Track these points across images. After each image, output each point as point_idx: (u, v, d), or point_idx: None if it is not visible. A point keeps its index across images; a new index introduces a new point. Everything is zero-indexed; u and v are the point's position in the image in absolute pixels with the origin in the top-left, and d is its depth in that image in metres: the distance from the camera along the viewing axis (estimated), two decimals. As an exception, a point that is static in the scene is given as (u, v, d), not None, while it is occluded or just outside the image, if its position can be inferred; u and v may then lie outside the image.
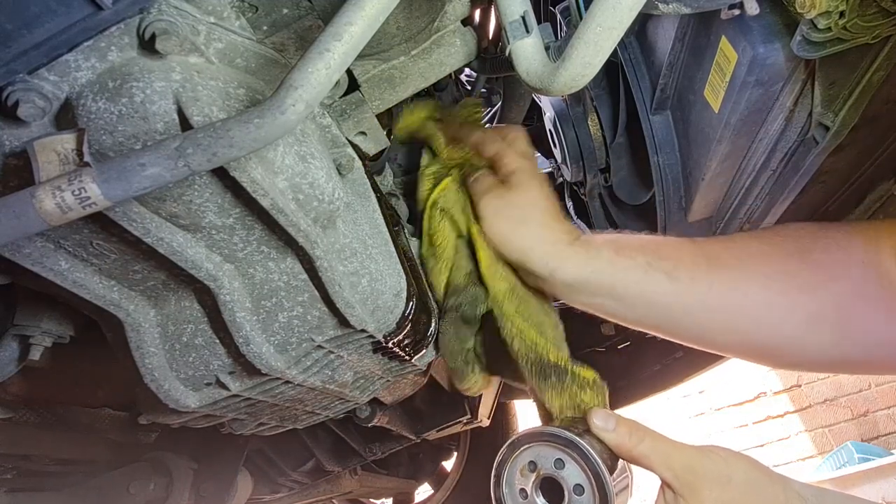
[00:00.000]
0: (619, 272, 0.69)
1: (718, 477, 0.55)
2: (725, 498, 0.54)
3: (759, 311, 0.65)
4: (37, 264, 0.50)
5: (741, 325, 0.67)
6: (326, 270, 0.57)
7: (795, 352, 0.66)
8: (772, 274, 0.65)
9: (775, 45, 0.69)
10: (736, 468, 0.57)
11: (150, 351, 0.59)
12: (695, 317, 0.68)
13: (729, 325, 0.67)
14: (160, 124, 0.44)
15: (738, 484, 0.55)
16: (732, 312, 0.66)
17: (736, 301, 0.66)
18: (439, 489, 2.31)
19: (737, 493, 0.55)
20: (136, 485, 1.15)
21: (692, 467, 0.56)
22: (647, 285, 0.68)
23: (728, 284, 0.66)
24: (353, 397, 0.82)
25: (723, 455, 0.58)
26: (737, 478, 0.56)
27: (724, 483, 0.55)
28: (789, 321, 0.64)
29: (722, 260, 0.67)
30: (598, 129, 1.13)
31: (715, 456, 0.57)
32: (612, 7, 0.46)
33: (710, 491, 0.54)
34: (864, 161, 1.03)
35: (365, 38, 0.44)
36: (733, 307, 0.66)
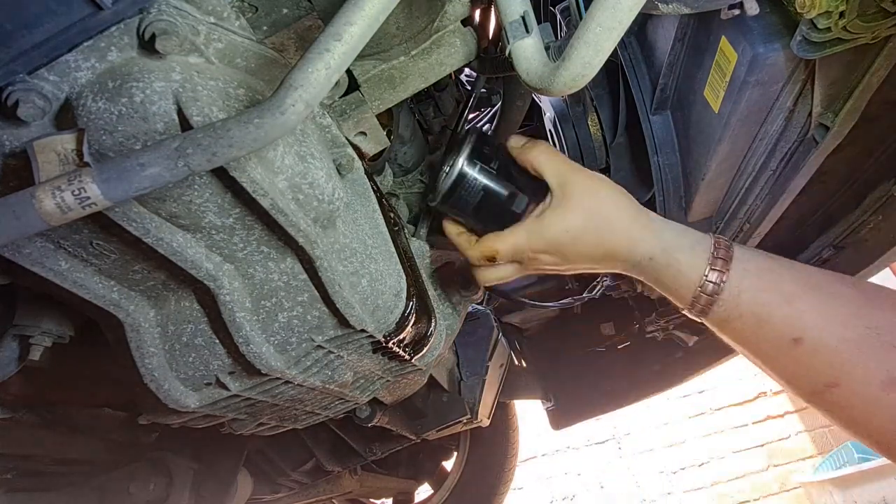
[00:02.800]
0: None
1: (589, 187, 0.67)
2: (588, 203, 0.66)
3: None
4: (37, 264, 0.50)
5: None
6: (326, 270, 0.57)
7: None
8: None
9: (775, 45, 0.69)
10: (603, 185, 0.68)
11: (150, 351, 0.59)
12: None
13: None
14: (160, 124, 0.44)
15: (602, 197, 0.66)
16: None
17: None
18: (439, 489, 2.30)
19: (598, 202, 0.66)
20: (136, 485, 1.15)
21: (569, 176, 0.67)
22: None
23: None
24: (353, 397, 0.82)
25: (596, 175, 0.69)
26: (602, 192, 0.67)
27: (592, 193, 0.66)
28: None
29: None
30: (598, 129, 1.13)
31: (588, 173, 0.68)
32: (612, 7, 0.46)
33: (580, 198, 0.66)
34: (864, 161, 1.03)
35: (365, 38, 0.44)
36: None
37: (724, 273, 0.61)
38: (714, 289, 0.61)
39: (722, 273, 0.61)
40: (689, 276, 0.63)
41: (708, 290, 0.62)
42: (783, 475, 3.81)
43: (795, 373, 0.60)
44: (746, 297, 0.61)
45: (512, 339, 1.97)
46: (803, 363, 0.58)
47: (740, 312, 0.61)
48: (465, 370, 1.45)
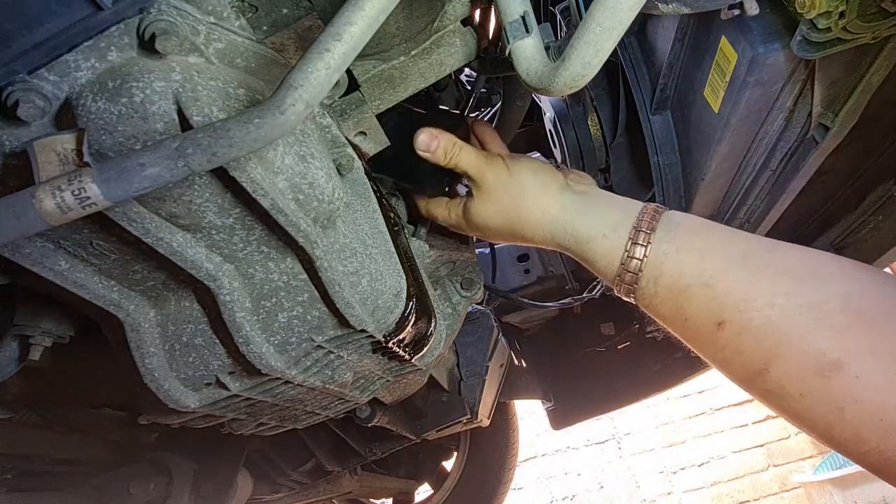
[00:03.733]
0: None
1: (503, 180, 0.70)
2: (502, 197, 0.70)
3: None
4: (37, 264, 0.50)
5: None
6: (326, 270, 0.57)
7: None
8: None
9: (775, 45, 0.69)
10: (520, 173, 0.71)
11: (150, 351, 0.59)
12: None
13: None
14: (160, 124, 0.44)
15: (516, 187, 0.70)
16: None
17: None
18: (439, 489, 2.31)
19: (512, 195, 0.70)
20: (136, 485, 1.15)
21: (485, 169, 0.71)
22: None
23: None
24: (353, 397, 0.82)
25: (516, 162, 0.72)
26: (519, 179, 0.70)
27: (506, 186, 0.70)
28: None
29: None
30: (598, 129, 1.13)
31: (508, 160, 0.72)
32: (612, 7, 0.46)
33: (495, 191, 0.70)
34: (864, 161, 1.03)
35: (365, 38, 0.44)
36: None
37: (646, 247, 0.59)
38: (637, 265, 0.59)
39: (645, 247, 0.59)
40: (607, 260, 0.62)
41: (631, 267, 0.59)
42: (783, 475, 3.81)
43: (725, 359, 0.55)
44: (665, 280, 0.58)
45: (512, 339, 1.97)
46: (730, 349, 0.54)
47: (660, 297, 0.58)
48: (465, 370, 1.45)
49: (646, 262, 0.59)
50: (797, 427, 0.54)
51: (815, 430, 0.51)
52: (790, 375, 0.50)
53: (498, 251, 1.58)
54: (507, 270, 1.77)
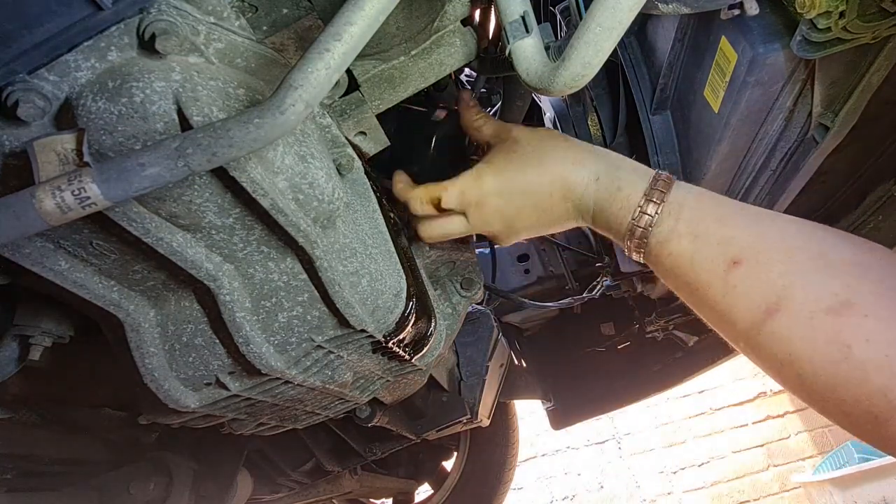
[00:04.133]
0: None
1: (527, 129, 0.70)
2: (530, 138, 0.69)
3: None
4: (37, 264, 0.50)
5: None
6: (326, 270, 0.57)
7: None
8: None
9: (775, 45, 0.69)
10: (541, 128, 0.71)
11: (150, 351, 0.59)
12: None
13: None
14: (160, 124, 0.44)
15: (542, 133, 0.69)
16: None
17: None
18: (439, 489, 2.31)
19: (540, 136, 0.69)
20: (136, 485, 1.15)
21: (508, 126, 0.71)
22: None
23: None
24: (353, 397, 0.82)
25: (521, 127, 0.71)
26: (542, 130, 0.70)
27: (532, 131, 0.69)
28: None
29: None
30: (598, 129, 1.13)
31: (511, 127, 0.72)
32: (612, 7, 0.46)
33: (521, 137, 0.69)
34: (864, 161, 1.03)
35: (365, 38, 0.44)
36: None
37: (660, 205, 0.60)
38: (648, 220, 0.60)
39: (658, 205, 0.60)
40: (631, 199, 0.62)
41: (642, 223, 0.60)
42: (783, 475, 3.81)
43: (734, 303, 0.55)
44: (685, 215, 0.59)
45: (512, 339, 1.97)
46: (742, 289, 0.54)
47: (679, 233, 0.58)
48: (465, 370, 1.45)
49: (660, 215, 0.60)
50: (790, 379, 0.52)
51: (817, 374, 0.50)
52: (801, 314, 0.51)
53: (498, 251, 1.58)
54: (507, 270, 1.77)
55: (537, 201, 0.67)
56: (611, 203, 0.63)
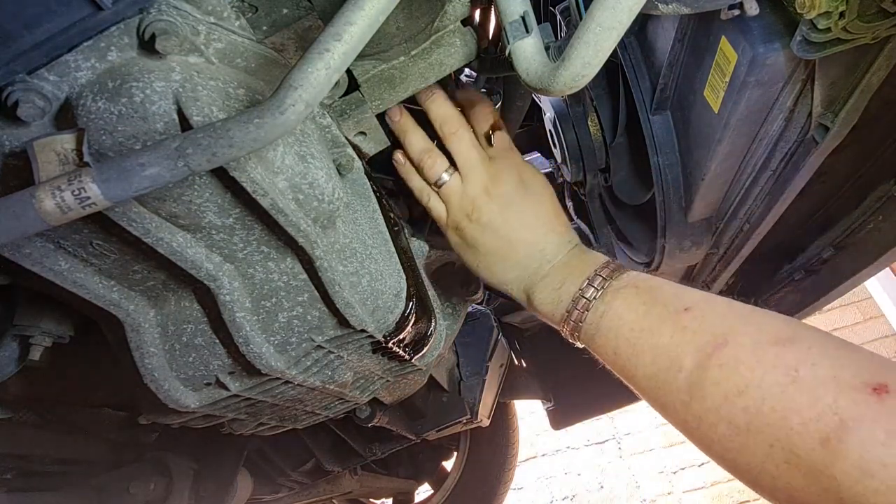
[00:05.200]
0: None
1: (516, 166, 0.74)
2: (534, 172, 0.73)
3: None
4: (37, 264, 0.50)
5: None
6: (326, 270, 0.57)
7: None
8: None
9: (775, 45, 0.69)
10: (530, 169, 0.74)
11: (150, 351, 0.59)
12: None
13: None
14: (160, 124, 0.44)
15: (532, 176, 0.74)
16: None
17: None
18: (439, 489, 2.31)
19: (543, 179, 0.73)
20: (136, 485, 1.15)
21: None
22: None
23: None
24: (353, 397, 0.82)
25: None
26: (530, 173, 0.74)
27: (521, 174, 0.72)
28: None
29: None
30: (598, 129, 1.13)
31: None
32: (612, 7, 0.46)
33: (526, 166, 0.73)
34: (864, 161, 1.03)
35: (365, 38, 0.44)
36: None
37: (620, 270, 0.65)
38: (609, 273, 0.64)
39: (616, 269, 0.65)
40: (596, 260, 0.67)
41: (604, 273, 0.65)
42: (783, 475, 3.81)
43: (681, 341, 0.57)
44: (642, 276, 0.64)
45: (512, 339, 1.97)
46: (691, 328, 0.56)
47: (636, 284, 0.62)
48: (465, 370, 1.45)
49: (622, 272, 0.65)
50: (735, 416, 0.51)
51: (765, 400, 0.49)
52: (746, 346, 0.52)
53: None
54: (507, 270, 1.77)
55: (510, 237, 0.70)
56: (578, 260, 0.68)
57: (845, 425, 0.44)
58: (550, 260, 0.69)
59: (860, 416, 0.44)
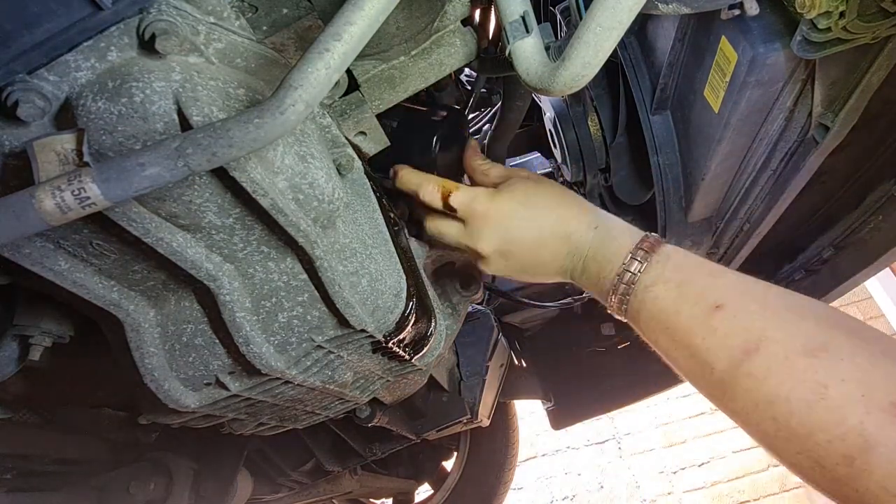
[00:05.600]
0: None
1: (519, 179, 0.73)
2: (543, 182, 0.72)
3: None
4: (37, 264, 0.50)
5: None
6: (326, 270, 0.57)
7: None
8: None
9: (775, 45, 0.69)
10: (534, 178, 0.73)
11: (150, 351, 0.59)
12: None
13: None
14: (160, 124, 0.44)
15: (535, 184, 0.71)
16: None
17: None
18: (439, 489, 2.30)
19: (551, 183, 0.72)
20: (136, 485, 1.15)
21: (505, 176, 0.74)
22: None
23: None
24: (353, 397, 0.82)
25: (529, 173, 0.75)
26: (533, 181, 0.72)
27: (525, 183, 0.71)
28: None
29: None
30: (598, 129, 1.13)
31: (518, 171, 0.74)
32: (612, 7, 0.46)
33: (534, 179, 0.73)
34: (864, 161, 1.03)
35: (365, 38, 0.44)
36: None
37: (650, 254, 0.63)
38: (638, 266, 0.63)
39: (648, 253, 0.63)
40: (623, 247, 0.65)
41: (632, 268, 0.63)
42: (783, 475, 3.81)
43: (712, 344, 0.57)
44: (672, 263, 0.62)
45: (512, 339, 1.97)
46: (722, 330, 0.56)
47: (666, 278, 0.61)
48: (465, 370, 1.45)
49: (651, 258, 0.62)
50: (764, 422, 0.52)
51: (792, 414, 0.50)
52: (778, 356, 0.52)
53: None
54: (507, 270, 1.77)
55: (538, 236, 0.69)
56: (604, 249, 0.66)
57: (871, 447, 0.45)
58: (580, 256, 0.68)
59: (886, 439, 0.44)
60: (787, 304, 0.56)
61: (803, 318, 0.54)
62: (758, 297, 0.57)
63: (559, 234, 0.69)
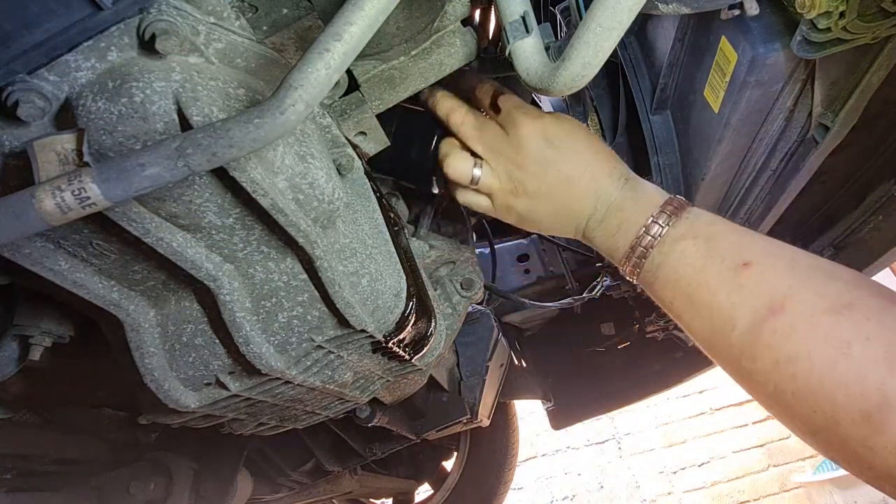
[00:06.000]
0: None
1: (538, 134, 0.67)
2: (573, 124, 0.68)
3: None
4: (37, 264, 0.50)
5: None
6: (326, 270, 0.57)
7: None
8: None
9: (775, 45, 0.69)
10: (555, 127, 0.67)
11: (150, 351, 0.59)
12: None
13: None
14: (160, 124, 0.44)
15: (558, 138, 0.67)
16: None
17: None
18: (439, 489, 2.30)
19: (555, 148, 0.66)
20: (136, 485, 1.15)
21: (522, 108, 0.69)
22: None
23: None
24: (353, 397, 0.82)
25: (545, 116, 0.69)
26: (556, 133, 0.67)
27: (545, 144, 0.66)
28: None
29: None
30: (598, 129, 1.13)
31: (534, 112, 0.69)
32: (612, 7, 0.46)
33: (564, 118, 0.68)
34: (864, 161, 1.03)
35: (365, 38, 0.44)
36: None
37: (681, 209, 0.62)
38: (666, 220, 0.61)
39: (678, 208, 0.62)
40: (654, 199, 0.63)
41: (661, 221, 0.61)
42: (783, 475, 3.81)
43: (737, 302, 0.56)
44: (702, 220, 0.61)
45: (512, 339, 1.97)
46: (748, 288, 0.56)
47: (695, 234, 0.60)
48: (465, 370, 1.45)
49: (681, 213, 0.62)
50: (783, 381, 0.52)
51: (813, 371, 0.50)
52: (803, 313, 0.52)
53: (498, 251, 1.58)
54: (507, 270, 1.77)
55: (574, 169, 0.66)
56: (632, 201, 0.64)
57: (890, 405, 0.45)
58: (606, 202, 0.66)
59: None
60: (815, 264, 0.56)
61: (832, 277, 0.54)
62: (785, 256, 0.57)
63: (595, 174, 0.66)
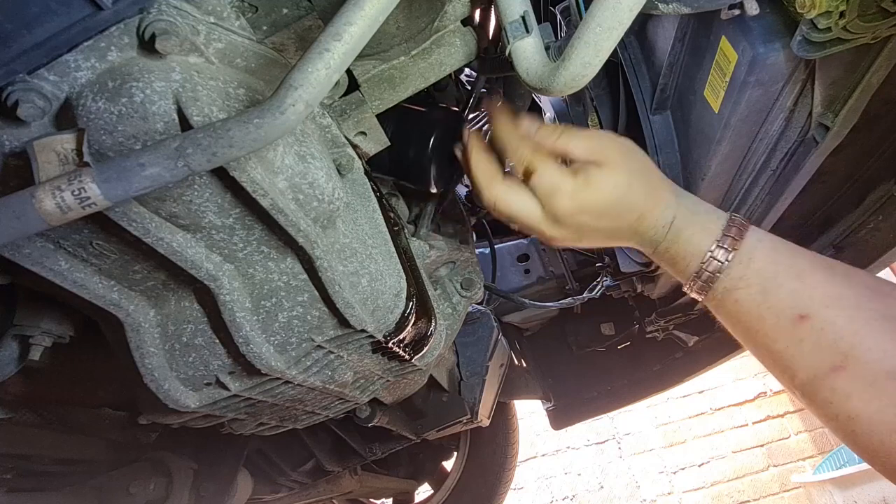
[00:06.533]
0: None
1: (626, 148, 0.63)
2: (630, 162, 0.62)
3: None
4: (37, 264, 0.50)
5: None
6: (326, 270, 0.57)
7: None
8: None
9: (775, 45, 0.69)
10: (621, 158, 0.62)
11: (150, 351, 0.59)
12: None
13: None
14: (160, 124, 0.44)
15: (640, 155, 0.63)
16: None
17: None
18: (439, 489, 2.30)
19: (638, 159, 0.62)
20: (136, 485, 1.15)
21: (605, 142, 0.63)
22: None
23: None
24: (353, 397, 0.82)
25: (617, 146, 0.64)
26: (638, 152, 0.64)
27: (631, 153, 0.63)
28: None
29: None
30: (598, 129, 1.13)
31: (618, 137, 0.65)
32: (612, 7, 0.46)
33: (622, 157, 0.61)
34: (864, 161, 1.03)
35: (365, 38, 0.44)
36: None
37: (731, 252, 0.58)
38: (717, 266, 0.58)
39: (729, 252, 0.58)
40: (702, 243, 0.60)
41: (711, 268, 0.59)
42: (783, 475, 3.81)
43: (796, 355, 0.55)
44: (756, 265, 0.58)
45: (512, 339, 1.97)
46: (807, 343, 0.54)
47: (748, 282, 0.57)
48: (465, 370, 1.45)
49: (731, 261, 0.59)
50: (845, 434, 0.53)
51: (873, 433, 0.51)
52: (864, 376, 0.51)
53: (498, 251, 1.58)
54: (507, 270, 1.77)
55: (615, 226, 0.63)
56: (681, 244, 0.61)
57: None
58: (660, 239, 0.62)
59: None
60: (879, 311, 0.53)
61: (893, 333, 0.52)
62: (848, 305, 0.54)
63: (633, 226, 0.62)
